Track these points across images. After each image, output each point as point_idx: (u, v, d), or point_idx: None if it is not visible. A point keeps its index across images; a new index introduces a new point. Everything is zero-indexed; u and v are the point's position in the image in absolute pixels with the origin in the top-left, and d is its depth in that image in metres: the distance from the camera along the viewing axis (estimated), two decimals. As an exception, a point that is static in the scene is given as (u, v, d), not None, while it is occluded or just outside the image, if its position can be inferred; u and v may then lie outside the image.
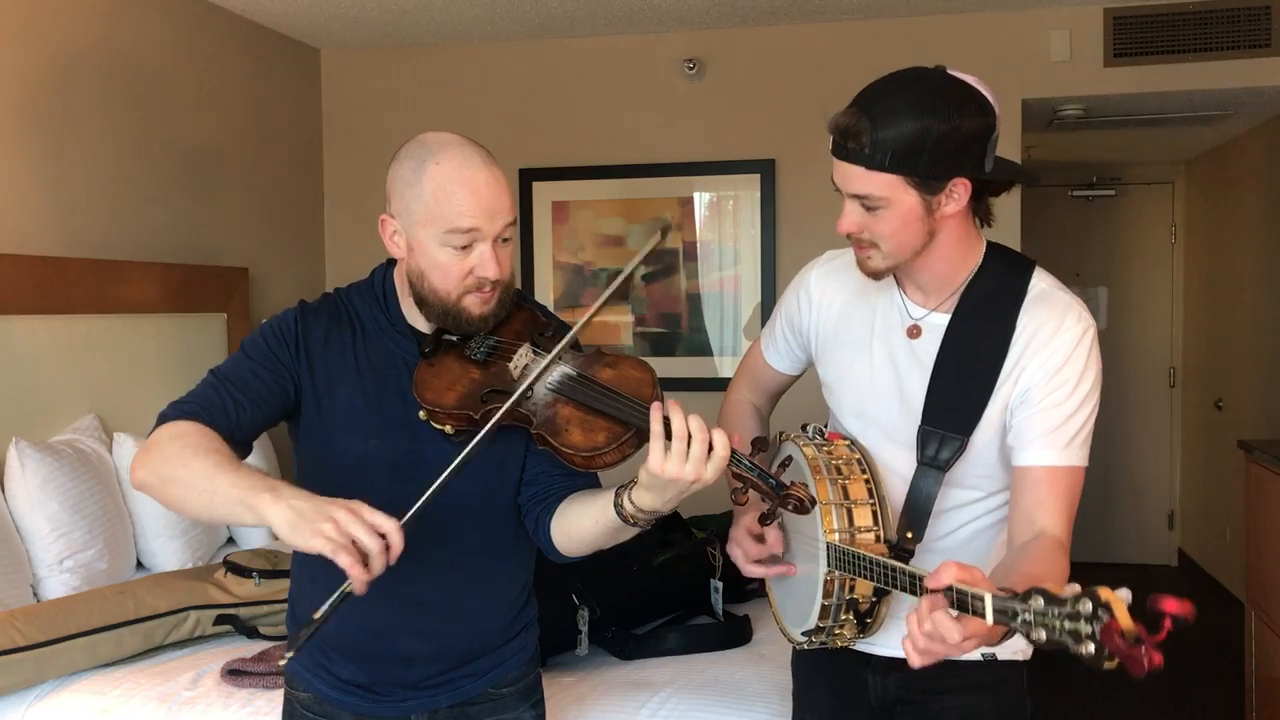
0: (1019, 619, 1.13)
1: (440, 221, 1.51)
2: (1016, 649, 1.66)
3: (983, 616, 1.18)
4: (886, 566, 1.40)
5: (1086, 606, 1.08)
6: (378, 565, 1.31)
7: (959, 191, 1.51)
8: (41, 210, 3.24)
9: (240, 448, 1.54)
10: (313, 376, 1.60)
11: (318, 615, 1.34)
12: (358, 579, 1.29)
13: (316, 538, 1.29)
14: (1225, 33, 4.08)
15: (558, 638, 2.55)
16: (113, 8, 3.53)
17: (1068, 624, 1.09)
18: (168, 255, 3.74)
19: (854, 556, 1.47)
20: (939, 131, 1.44)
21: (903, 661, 1.65)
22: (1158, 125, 5.08)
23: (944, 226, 1.55)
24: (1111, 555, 6.38)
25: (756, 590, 3.06)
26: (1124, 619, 1.06)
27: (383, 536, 1.32)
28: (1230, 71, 4.13)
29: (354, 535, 1.30)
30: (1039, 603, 1.12)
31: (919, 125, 1.44)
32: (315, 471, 1.63)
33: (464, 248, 1.52)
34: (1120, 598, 1.08)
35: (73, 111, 3.36)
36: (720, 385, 4.40)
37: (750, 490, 1.45)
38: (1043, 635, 1.11)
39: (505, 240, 1.57)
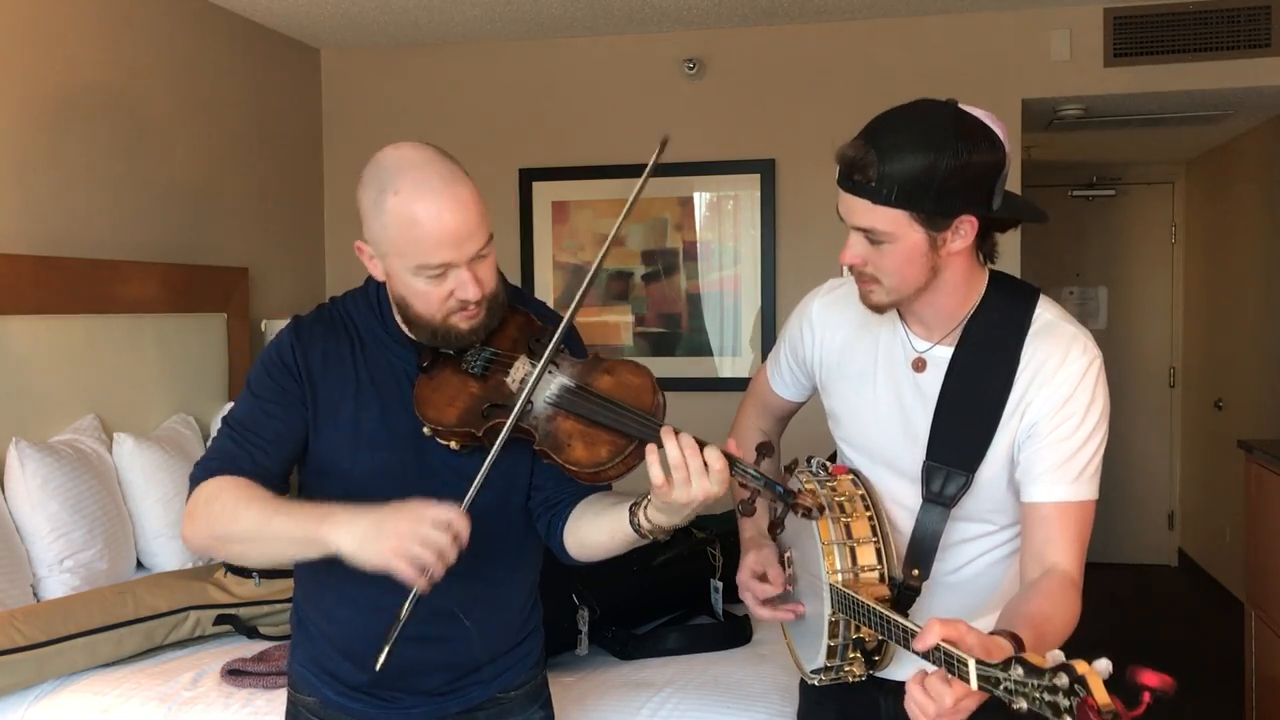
0: (1001, 686, 1.12)
1: (409, 256, 1.47)
2: None
3: (967, 681, 1.16)
4: (882, 617, 1.38)
5: (1063, 680, 1.06)
6: (451, 556, 1.35)
7: (965, 229, 1.48)
8: (41, 210, 3.24)
9: (275, 490, 1.55)
10: (316, 397, 1.58)
11: (402, 615, 1.40)
12: (425, 584, 1.36)
13: (388, 557, 1.34)
14: (1225, 33, 4.08)
15: (558, 638, 2.54)
16: (112, 8, 3.53)
17: (1047, 696, 1.07)
18: (167, 255, 3.74)
19: (853, 602, 1.45)
20: (947, 168, 1.41)
21: None
22: (1158, 125, 5.07)
23: (949, 264, 1.51)
24: (1111, 555, 6.38)
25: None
26: (1100, 695, 1.05)
27: (449, 529, 1.35)
28: (1230, 71, 4.13)
29: (424, 537, 1.33)
30: (1018, 672, 1.10)
31: (927, 161, 1.41)
32: (323, 486, 1.61)
33: (438, 276, 1.48)
34: (1098, 671, 1.07)
35: (72, 111, 3.35)
36: (720, 385, 4.46)
37: (757, 500, 1.42)
38: (1024, 705, 1.09)
39: (483, 256, 1.51)
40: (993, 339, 1.56)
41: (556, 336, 1.51)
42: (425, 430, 1.53)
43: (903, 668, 1.61)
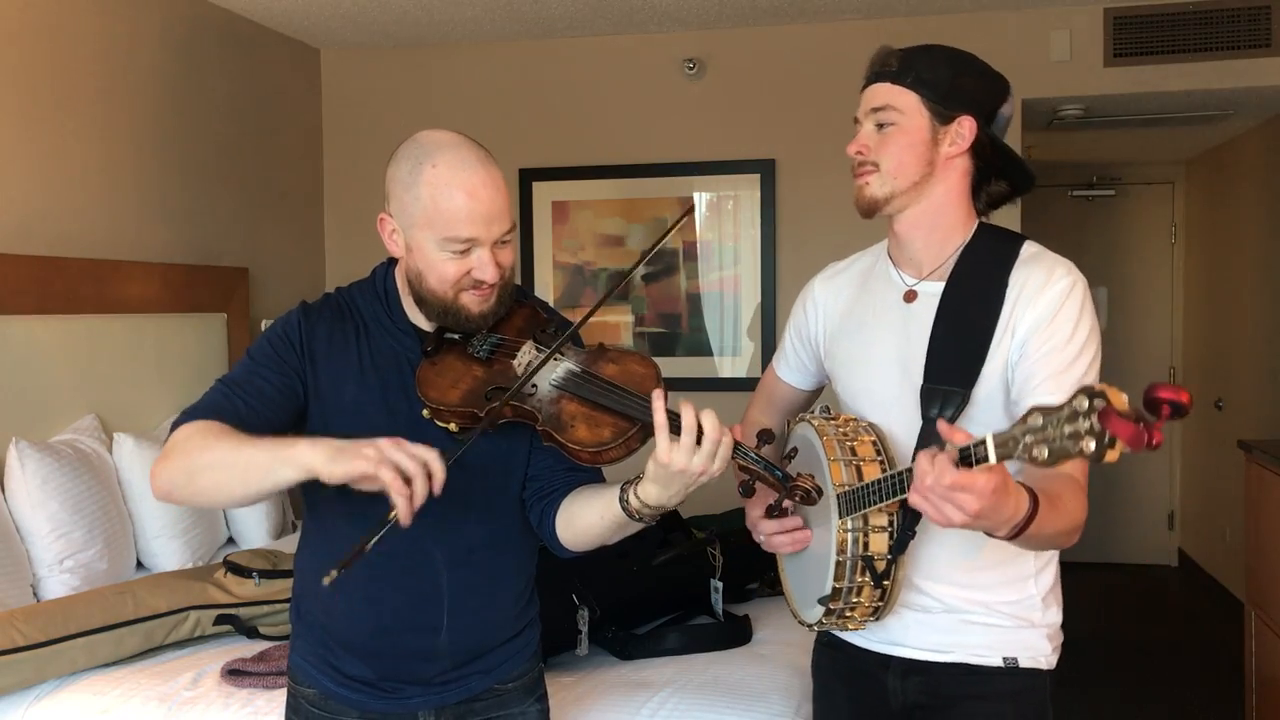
0: (1020, 445, 1.17)
1: (438, 227, 1.51)
2: (1039, 654, 1.65)
3: (986, 460, 1.22)
4: (894, 475, 1.43)
5: (1083, 403, 1.12)
6: (420, 490, 1.31)
7: (965, 131, 1.61)
8: (41, 210, 3.24)
9: None
10: (317, 376, 1.61)
11: (368, 546, 1.32)
12: (402, 506, 1.29)
13: (359, 460, 1.30)
14: (1225, 33, 4.08)
15: (558, 638, 2.54)
16: (112, 6, 3.53)
17: (1066, 428, 1.13)
18: (168, 255, 3.74)
19: (861, 491, 1.49)
20: (960, 75, 1.62)
21: (923, 664, 1.66)
22: (1158, 125, 5.08)
23: (944, 171, 1.62)
24: (1111, 555, 6.38)
25: (756, 590, 3.07)
26: (1120, 402, 1.12)
27: (424, 465, 1.32)
28: (1230, 71, 4.13)
29: (395, 460, 1.31)
30: (1037, 420, 1.16)
31: (946, 63, 1.62)
32: None
33: (462, 252, 1.53)
34: (1115, 389, 1.14)
35: (72, 111, 3.36)
36: (720, 385, 4.47)
37: (757, 483, 1.45)
38: (1045, 452, 1.15)
39: (505, 243, 1.56)
40: (981, 271, 1.64)
41: (579, 324, 1.54)
42: (424, 413, 1.55)
43: (911, 637, 1.65)
